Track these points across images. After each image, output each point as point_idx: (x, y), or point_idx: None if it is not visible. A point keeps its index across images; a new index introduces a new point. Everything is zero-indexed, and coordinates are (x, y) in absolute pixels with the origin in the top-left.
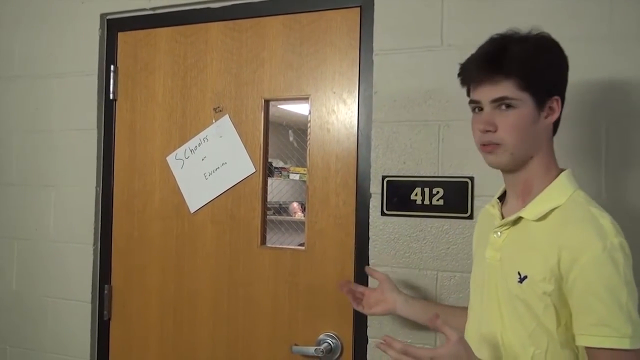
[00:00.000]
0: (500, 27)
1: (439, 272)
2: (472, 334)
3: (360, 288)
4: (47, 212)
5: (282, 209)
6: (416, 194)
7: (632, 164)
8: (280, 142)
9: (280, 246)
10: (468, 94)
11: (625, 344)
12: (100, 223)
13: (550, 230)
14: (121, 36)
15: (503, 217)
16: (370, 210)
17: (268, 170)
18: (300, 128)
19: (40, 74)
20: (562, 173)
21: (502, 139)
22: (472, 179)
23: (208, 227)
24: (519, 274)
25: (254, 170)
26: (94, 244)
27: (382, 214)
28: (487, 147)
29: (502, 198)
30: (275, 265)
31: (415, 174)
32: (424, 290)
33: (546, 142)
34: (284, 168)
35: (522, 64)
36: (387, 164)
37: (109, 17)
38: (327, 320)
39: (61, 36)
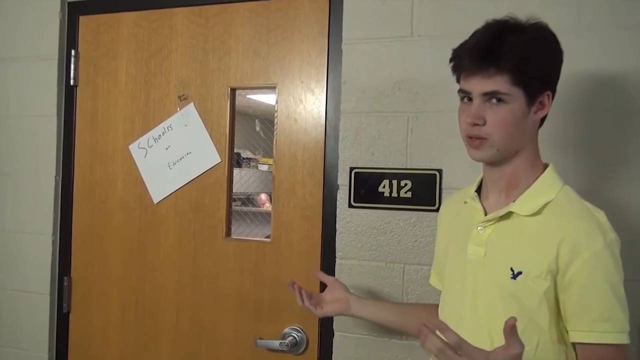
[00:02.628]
0: (470, 18)
1: (405, 265)
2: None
3: (307, 291)
4: (4, 202)
5: (249, 200)
6: (384, 186)
7: (601, 156)
8: (248, 133)
9: (246, 238)
10: (458, 81)
11: (623, 339)
12: (59, 213)
13: (545, 225)
14: (83, 20)
15: (485, 212)
16: (337, 202)
17: (236, 161)
18: (267, 118)
19: None
20: (549, 167)
21: (490, 133)
22: (440, 171)
23: (172, 218)
24: (512, 269)
25: (219, 161)
26: (53, 235)
27: (350, 206)
28: (474, 141)
29: (477, 191)
30: (240, 257)
31: (384, 166)
32: (390, 283)
33: (532, 137)
34: (253, 159)
35: (517, 58)
36: (355, 155)
37: None
38: (292, 314)
39: (19, 19)
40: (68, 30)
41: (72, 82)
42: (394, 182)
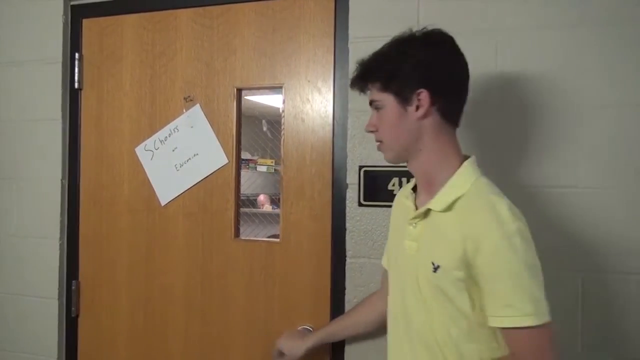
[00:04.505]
0: (475, 16)
1: None
2: (397, 316)
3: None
4: (9, 206)
5: (249, 201)
6: (393, 184)
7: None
8: (246, 134)
9: (255, 238)
10: None
11: (528, 322)
12: (66, 217)
13: (455, 220)
14: (86, 23)
15: (417, 208)
16: (347, 201)
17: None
18: (268, 119)
19: (1, 62)
20: (466, 161)
21: (381, 137)
22: None
23: (180, 220)
24: (432, 263)
25: (227, 161)
26: (60, 239)
27: (359, 204)
28: (377, 144)
29: (416, 189)
30: (249, 258)
31: (392, 164)
32: None
33: (432, 134)
34: (252, 160)
35: (378, 68)
36: (363, 153)
37: (72, 2)
38: (303, 313)
39: (23, 23)
40: (72, 33)
41: (76, 85)
42: (404, 180)
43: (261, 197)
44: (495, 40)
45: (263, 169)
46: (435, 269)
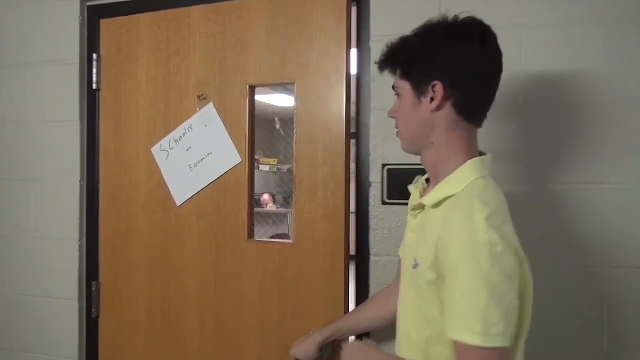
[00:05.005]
0: (498, 12)
1: None
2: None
3: None
4: (28, 207)
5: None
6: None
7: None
8: (259, 135)
9: (268, 240)
10: None
11: (471, 339)
12: (85, 218)
13: (439, 219)
14: (103, 23)
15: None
16: (370, 200)
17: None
18: (281, 118)
19: (18, 63)
20: (471, 160)
21: (398, 124)
22: None
23: (194, 220)
24: (414, 260)
25: (240, 161)
26: (79, 240)
27: (383, 203)
28: (397, 132)
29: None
30: (263, 259)
31: (417, 162)
32: None
33: (444, 129)
34: (254, 159)
35: (400, 54)
36: (386, 152)
37: (89, 3)
38: (318, 314)
39: (39, 24)
40: (89, 34)
41: (94, 86)
42: None
43: (265, 197)
44: (519, 37)
45: (266, 168)
46: (415, 265)
